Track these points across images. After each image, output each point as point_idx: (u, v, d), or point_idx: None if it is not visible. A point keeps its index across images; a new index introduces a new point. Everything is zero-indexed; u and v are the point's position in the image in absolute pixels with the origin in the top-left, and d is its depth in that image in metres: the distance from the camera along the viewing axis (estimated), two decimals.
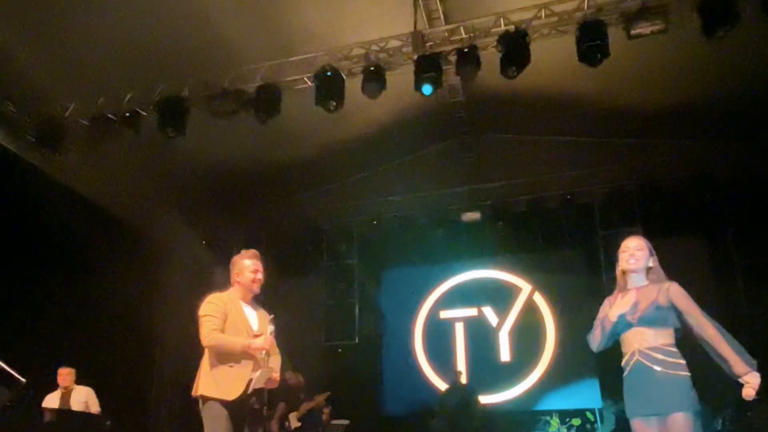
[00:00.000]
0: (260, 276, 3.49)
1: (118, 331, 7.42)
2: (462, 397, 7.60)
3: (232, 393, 3.17)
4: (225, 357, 3.25)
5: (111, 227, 7.83)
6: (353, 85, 6.03)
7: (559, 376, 8.33)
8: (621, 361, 2.95)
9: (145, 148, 7.12)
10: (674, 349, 2.81)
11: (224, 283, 9.91)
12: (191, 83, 6.36)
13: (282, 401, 7.24)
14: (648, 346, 2.80)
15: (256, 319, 3.46)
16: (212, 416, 3.16)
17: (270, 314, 3.50)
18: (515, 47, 5.34)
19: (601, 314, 3.03)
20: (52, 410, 5.16)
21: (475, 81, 6.19)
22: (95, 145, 6.62)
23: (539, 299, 8.69)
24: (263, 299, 9.77)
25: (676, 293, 2.84)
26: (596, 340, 2.98)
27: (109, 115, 6.54)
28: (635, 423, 2.83)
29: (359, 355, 8.79)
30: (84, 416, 5.37)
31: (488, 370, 8.57)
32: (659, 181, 7.76)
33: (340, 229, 9.10)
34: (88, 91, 6.53)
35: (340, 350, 8.85)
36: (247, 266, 3.48)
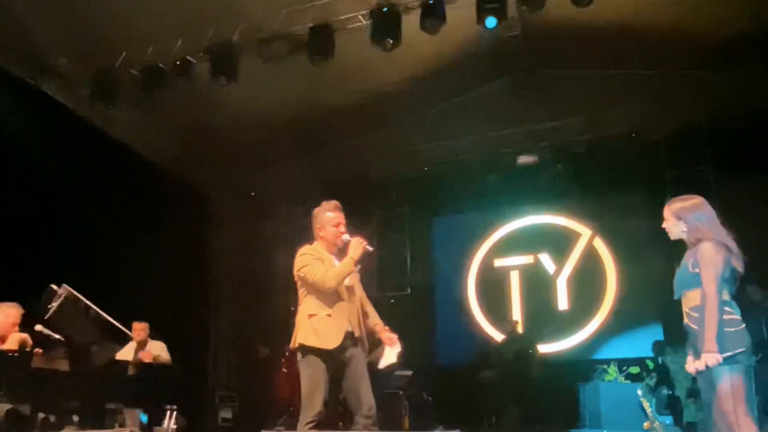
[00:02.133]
0: (343, 228, 3.38)
1: (174, 285, 7.52)
2: (520, 347, 7.48)
3: (332, 341, 3.18)
4: (322, 306, 3.25)
5: (162, 180, 7.86)
6: (404, 23, 5.75)
7: (619, 325, 8.11)
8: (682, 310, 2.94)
9: (191, 99, 7.03)
10: None
11: (274, 235, 9.88)
12: (242, 27, 6.16)
13: None
14: (690, 306, 2.81)
15: None
16: (311, 367, 3.19)
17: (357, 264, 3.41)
18: None
19: None
20: (127, 362, 5.26)
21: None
22: (147, 95, 6.53)
23: (600, 245, 8.39)
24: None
25: (701, 253, 2.77)
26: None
27: (160, 65, 6.42)
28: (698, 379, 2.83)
29: (412, 306, 8.72)
30: (156, 367, 5.46)
31: (545, 319, 8.39)
32: (732, 115, 7.24)
33: (390, 176, 8.90)
34: (137, 41, 6.40)
35: (392, 301, 8.80)
36: (330, 219, 3.39)
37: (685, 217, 2.88)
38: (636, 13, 6.45)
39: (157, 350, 5.91)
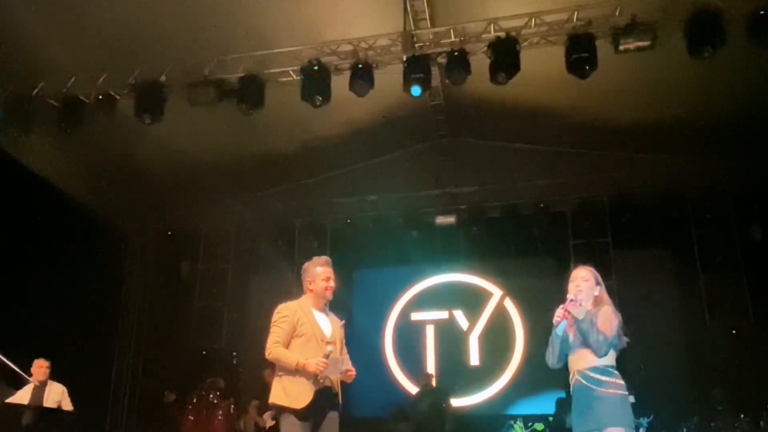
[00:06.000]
0: (332, 283, 3.48)
1: (80, 323, 7.15)
2: (434, 401, 7.58)
3: (301, 402, 3.19)
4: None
5: (75, 214, 7.53)
6: (334, 82, 5.97)
7: (526, 382, 8.39)
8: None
9: (112, 133, 6.88)
10: (611, 369, 3.00)
11: (190, 276, 9.57)
12: (170, 69, 6.15)
13: (256, 399, 7.09)
14: (586, 366, 3.02)
15: (329, 326, 3.43)
16: (285, 427, 3.21)
17: (341, 320, 3.54)
18: (506, 54, 5.38)
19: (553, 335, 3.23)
20: (24, 407, 4.88)
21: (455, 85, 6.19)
22: (64, 127, 6.33)
23: (509, 305, 8.75)
24: (233, 293, 9.45)
25: (602, 314, 3.05)
26: (550, 358, 3.22)
27: (81, 97, 6.27)
28: None
29: None
30: (56, 413, 5.12)
31: (458, 373, 8.57)
32: (630, 194, 7.94)
33: (313, 226, 8.97)
34: (59, 70, 6.24)
35: None
36: (319, 274, 3.47)
37: (601, 283, 3.19)
38: (549, 96, 7.00)
39: (57, 395, 5.54)
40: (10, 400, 5.09)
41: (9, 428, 4.36)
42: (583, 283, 3.16)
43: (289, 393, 3.20)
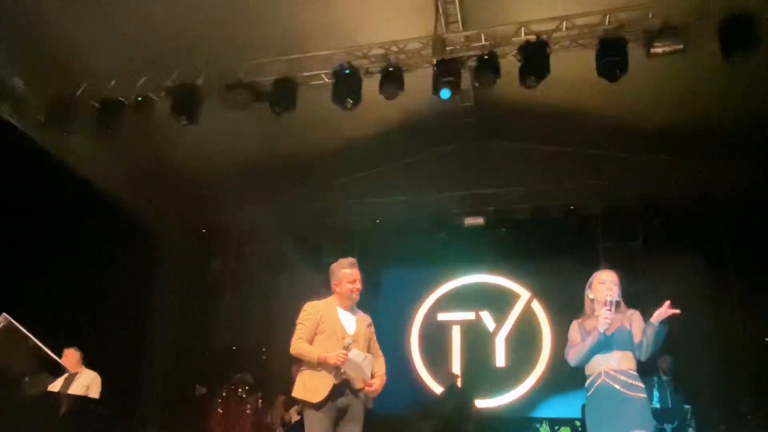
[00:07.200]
0: (358, 285, 3.58)
1: (114, 317, 7.38)
2: (459, 401, 7.63)
3: (318, 395, 3.32)
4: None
5: (112, 212, 7.76)
6: (364, 83, 6.05)
7: (553, 384, 8.38)
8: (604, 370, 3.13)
9: (149, 133, 7.08)
10: (635, 373, 3.08)
11: (221, 274, 9.71)
12: (206, 72, 6.33)
13: (283, 394, 7.23)
14: (614, 368, 3.07)
15: (353, 324, 3.53)
16: (307, 420, 3.36)
17: (369, 318, 3.64)
18: (535, 57, 5.39)
19: (574, 336, 3.26)
20: (55, 394, 5.10)
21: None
22: (103, 127, 6.55)
23: (537, 307, 8.75)
24: (262, 291, 9.60)
25: (637, 318, 3.14)
26: (579, 353, 3.19)
27: (120, 99, 6.49)
28: None
29: None
30: (80, 400, 5.30)
31: (483, 374, 8.61)
32: (661, 197, 7.83)
33: (342, 226, 9.08)
34: (99, 73, 6.46)
35: None
36: (346, 276, 3.59)
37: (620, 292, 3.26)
38: (579, 98, 6.97)
39: (88, 381, 5.70)
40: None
41: (42, 416, 4.53)
42: (614, 287, 3.22)
43: (308, 387, 3.35)
